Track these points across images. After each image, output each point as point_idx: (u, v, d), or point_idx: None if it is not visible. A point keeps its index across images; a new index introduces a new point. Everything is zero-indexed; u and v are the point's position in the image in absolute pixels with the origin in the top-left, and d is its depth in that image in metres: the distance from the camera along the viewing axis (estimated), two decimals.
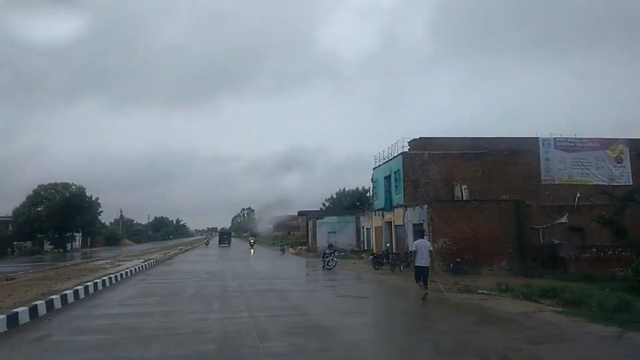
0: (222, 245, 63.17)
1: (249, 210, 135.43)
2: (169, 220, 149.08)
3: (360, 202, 60.10)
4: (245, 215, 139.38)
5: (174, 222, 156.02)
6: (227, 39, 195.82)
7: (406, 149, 29.27)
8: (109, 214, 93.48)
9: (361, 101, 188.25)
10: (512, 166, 29.34)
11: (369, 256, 27.70)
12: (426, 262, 12.02)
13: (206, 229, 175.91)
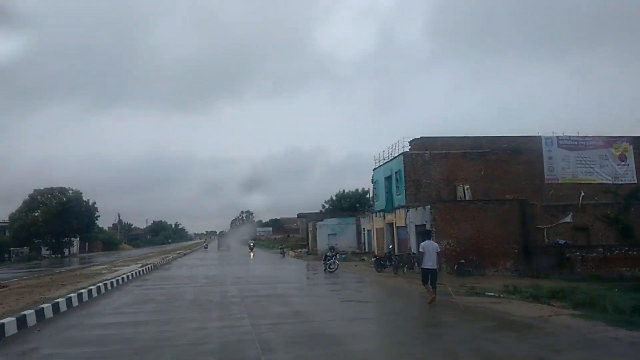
0: (221, 249, 63.65)
1: (248, 213, 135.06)
2: (167, 224, 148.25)
3: (360, 204, 59.76)
4: (244, 218, 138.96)
5: (173, 226, 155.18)
6: (225, 40, 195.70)
7: (407, 149, 28.85)
8: (107, 218, 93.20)
9: (360, 102, 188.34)
10: (515, 165, 28.97)
11: (372, 258, 27.23)
12: (434, 264, 11.54)
13: (205, 232, 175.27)
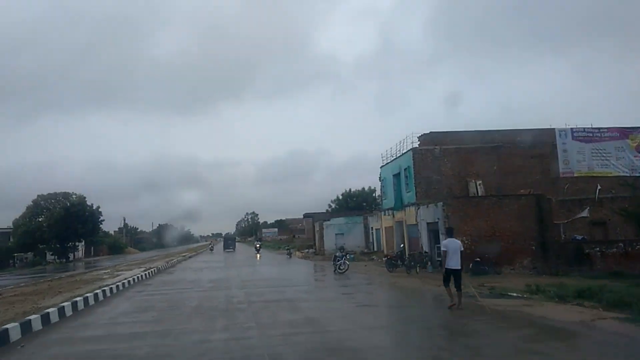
0: (227, 250, 63.47)
1: (253, 214, 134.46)
2: (173, 227, 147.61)
3: (366, 203, 58.92)
4: (249, 219, 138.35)
5: (179, 229, 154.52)
6: (226, 44, 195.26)
7: (415, 144, 27.84)
8: (113, 222, 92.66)
9: (362, 102, 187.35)
10: (528, 159, 27.92)
11: (383, 258, 26.29)
12: (458, 264, 10.55)
13: (211, 234, 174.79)
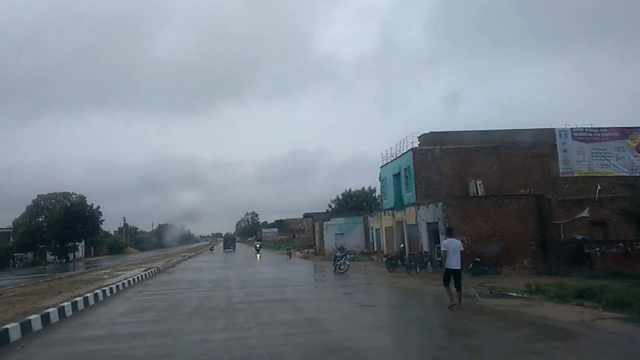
0: (227, 250, 63.66)
1: (253, 214, 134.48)
2: (173, 227, 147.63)
3: (366, 203, 58.95)
4: (249, 219, 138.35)
5: (179, 229, 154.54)
6: (226, 44, 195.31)
7: (415, 144, 27.84)
8: (113, 222, 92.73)
9: (362, 102, 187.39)
10: (528, 159, 27.93)
11: (383, 258, 26.30)
12: (458, 264, 10.55)
13: (211, 234, 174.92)
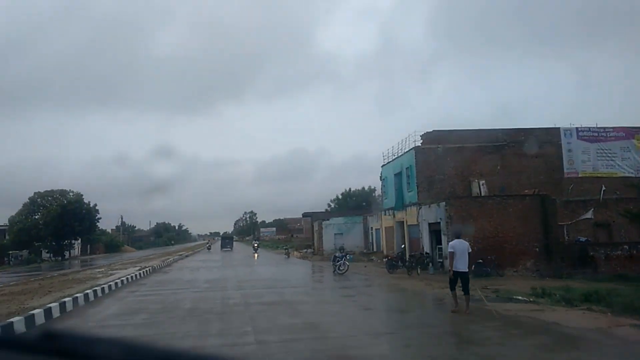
0: (225, 249, 63.21)
1: (251, 213, 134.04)
2: (171, 225, 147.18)
3: (366, 202, 58.44)
4: (247, 218, 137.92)
5: (176, 228, 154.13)
6: (227, 43, 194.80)
7: (418, 143, 27.31)
8: (110, 221, 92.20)
9: (363, 102, 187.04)
10: (532, 159, 27.41)
11: (383, 259, 25.80)
12: (465, 267, 10.03)
13: (209, 233, 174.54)
